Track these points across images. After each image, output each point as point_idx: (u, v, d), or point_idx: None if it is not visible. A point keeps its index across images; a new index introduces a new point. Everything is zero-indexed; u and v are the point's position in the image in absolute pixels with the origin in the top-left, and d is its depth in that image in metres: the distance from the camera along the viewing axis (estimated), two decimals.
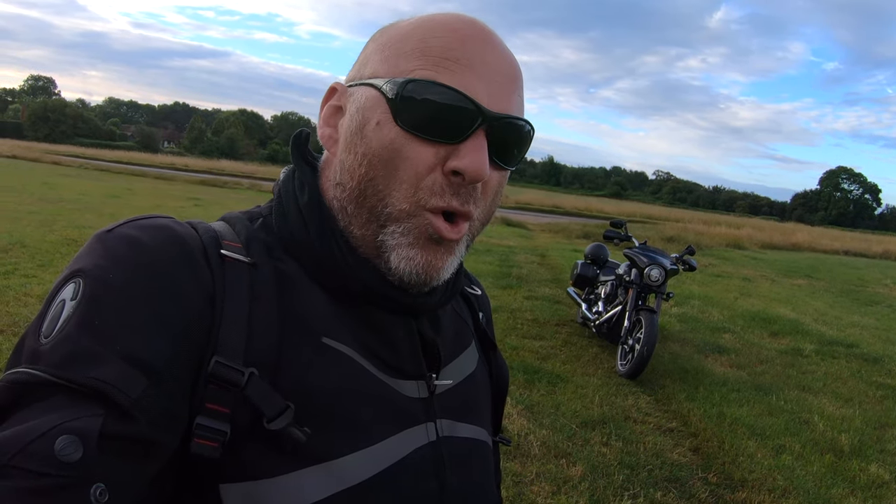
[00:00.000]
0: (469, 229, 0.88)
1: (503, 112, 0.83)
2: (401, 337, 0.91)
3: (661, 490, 4.40)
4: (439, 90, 0.80)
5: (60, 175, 29.62)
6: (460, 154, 0.81)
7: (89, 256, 0.74)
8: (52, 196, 18.87)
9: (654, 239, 19.52)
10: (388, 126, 0.82)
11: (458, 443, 0.95)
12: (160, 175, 37.99)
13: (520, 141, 0.88)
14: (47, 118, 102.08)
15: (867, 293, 16.46)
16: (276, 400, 0.75)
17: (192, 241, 0.79)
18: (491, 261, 14.15)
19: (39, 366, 0.65)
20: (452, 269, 0.89)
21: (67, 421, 0.61)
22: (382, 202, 0.83)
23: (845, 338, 10.05)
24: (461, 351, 1.04)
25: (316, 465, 0.77)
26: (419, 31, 0.84)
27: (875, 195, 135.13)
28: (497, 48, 0.85)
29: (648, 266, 7.11)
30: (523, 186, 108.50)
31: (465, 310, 1.12)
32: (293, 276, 0.85)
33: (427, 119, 0.80)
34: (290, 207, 0.90)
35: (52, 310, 0.71)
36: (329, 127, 0.91)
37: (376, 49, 0.88)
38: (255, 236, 0.87)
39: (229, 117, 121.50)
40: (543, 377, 6.36)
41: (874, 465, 5.19)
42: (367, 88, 0.86)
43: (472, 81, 0.81)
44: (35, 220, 13.32)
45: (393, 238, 0.84)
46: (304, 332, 0.82)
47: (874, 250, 31.50)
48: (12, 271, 8.30)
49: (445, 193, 0.82)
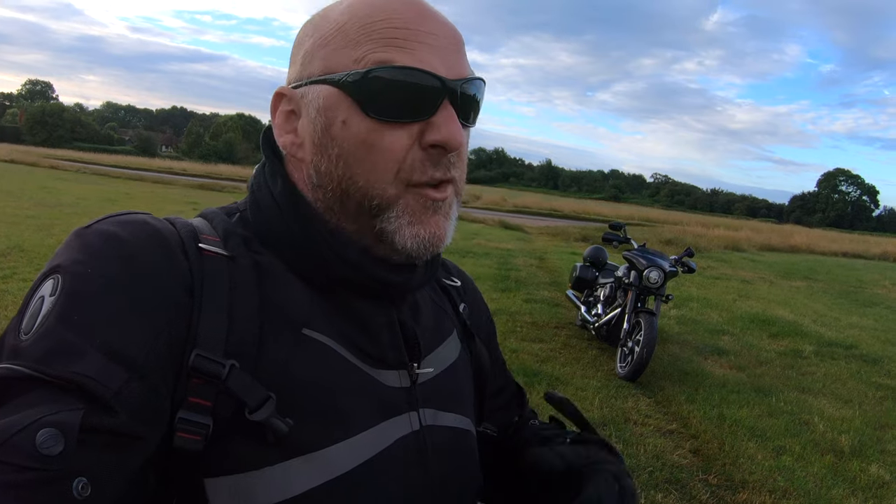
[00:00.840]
0: (455, 191, 0.90)
1: (460, 77, 0.85)
2: (381, 326, 0.91)
3: (661, 492, 4.40)
4: (402, 72, 0.81)
5: (58, 179, 29.66)
6: (434, 127, 0.83)
7: (67, 252, 0.75)
8: (51, 200, 18.89)
9: (653, 241, 19.49)
10: (355, 121, 0.83)
11: (442, 432, 0.95)
12: (158, 179, 38.08)
13: (477, 99, 0.90)
14: (45, 122, 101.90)
15: (866, 294, 16.46)
16: (258, 391, 0.75)
17: (169, 235, 0.80)
18: (489, 264, 14.16)
19: (19, 361, 0.65)
20: (452, 232, 0.90)
21: (48, 415, 0.61)
22: (367, 196, 0.84)
23: (844, 339, 10.06)
24: (442, 340, 1.04)
25: (301, 456, 0.77)
26: (358, 17, 0.84)
27: (873, 197, 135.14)
28: (436, 16, 0.87)
29: (647, 268, 7.10)
30: (521, 190, 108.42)
31: (444, 300, 1.13)
32: (272, 268, 0.86)
33: (397, 103, 0.82)
34: (265, 198, 0.91)
35: (32, 306, 0.71)
36: (288, 133, 0.91)
37: (318, 44, 0.87)
38: (232, 230, 0.87)
39: (227, 121, 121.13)
40: (543, 380, 6.36)
41: (874, 465, 5.18)
42: (321, 87, 0.85)
43: (427, 55, 0.82)
44: (33, 224, 13.34)
45: (390, 223, 0.85)
46: (284, 323, 0.82)
47: (872, 252, 31.49)
48: (10, 275, 8.31)
49: (427, 167, 0.84)
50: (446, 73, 0.83)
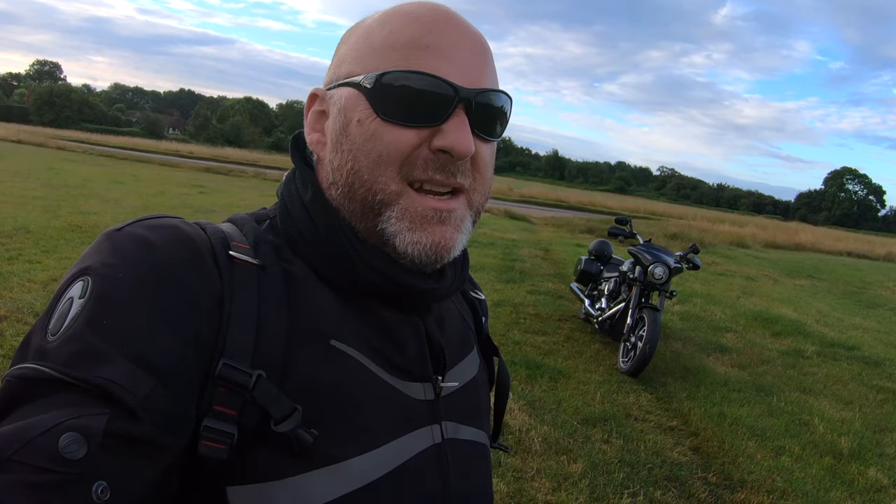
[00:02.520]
0: (468, 203, 0.91)
1: (480, 87, 0.86)
2: (408, 338, 0.92)
3: (660, 489, 4.42)
4: (414, 77, 0.83)
5: (65, 160, 29.73)
6: (444, 133, 0.84)
7: (98, 255, 0.74)
8: (57, 181, 18.92)
9: (658, 235, 19.48)
10: (368, 120, 0.85)
11: (462, 445, 0.96)
12: (165, 162, 38.07)
13: (499, 111, 0.91)
14: (53, 103, 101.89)
15: (869, 295, 16.45)
16: (284, 402, 0.75)
17: (200, 241, 0.80)
18: (494, 254, 14.16)
19: (46, 362, 0.66)
20: (462, 245, 0.90)
21: (72, 418, 0.62)
22: (371, 191, 0.85)
23: (846, 340, 10.06)
24: (466, 354, 1.05)
25: (324, 467, 0.78)
26: (386, 26, 0.87)
27: (879, 196, 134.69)
28: (461, 27, 0.88)
29: (652, 264, 7.10)
30: (527, 180, 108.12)
31: (469, 314, 1.14)
32: (301, 278, 0.86)
33: (406, 106, 0.83)
34: (295, 206, 0.91)
35: (60, 307, 0.71)
36: (316, 132, 0.94)
37: (349, 49, 0.91)
38: (263, 238, 0.87)
39: (234, 105, 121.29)
40: (545, 373, 6.38)
41: (873, 468, 5.20)
42: (345, 88, 0.88)
43: (444, 64, 0.84)
44: (40, 205, 13.35)
45: (391, 224, 0.86)
46: (312, 334, 0.83)
47: (877, 252, 31.41)
48: (16, 257, 8.33)
49: (429, 167, 0.85)
50: (463, 82, 0.84)
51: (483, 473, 1.03)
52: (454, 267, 0.98)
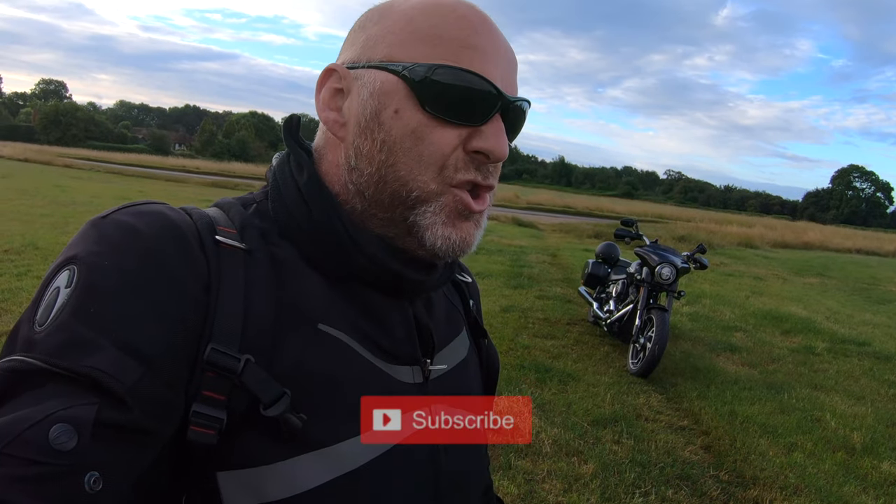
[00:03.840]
0: (489, 201, 0.91)
1: (514, 95, 0.88)
2: (396, 322, 0.92)
3: (672, 488, 4.40)
4: (467, 77, 0.83)
5: (72, 178, 29.81)
6: (484, 136, 0.85)
7: (84, 243, 0.74)
8: (65, 199, 18.99)
9: (666, 238, 19.43)
10: (409, 112, 0.83)
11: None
12: (171, 177, 38.18)
13: (523, 120, 0.93)
14: (59, 122, 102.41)
15: (879, 292, 16.37)
16: (273, 386, 0.75)
17: (186, 227, 0.79)
18: (502, 261, 14.15)
19: (34, 353, 0.65)
20: (478, 240, 0.91)
21: (62, 409, 0.62)
22: (406, 187, 0.84)
23: (857, 336, 10.00)
24: (454, 336, 1.05)
25: (313, 451, 0.78)
26: (429, 15, 0.85)
27: (887, 193, 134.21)
28: (501, 35, 0.89)
29: (660, 265, 7.09)
30: (535, 187, 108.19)
31: (455, 297, 1.14)
32: (289, 262, 0.86)
33: (454, 104, 0.83)
34: (288, 189, 0.90)
35: (47, 297, 0.71)
36: (332, 110, 0.91)
37: (384, 31, 0.88)
38: (249, 222, 0.87)
39: (240, 119, 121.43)
40: (555, 376, 6.36)
41: (886, 462, 5.16)
42: (380, 73, 0.86)
43: (490, 68, 0.85)
44: (47, 222, 13.41)
45: (425, 217, 0.85)
46: (299, 318, 0.82)
47: (886, 249, 31.33)
48: (25, 273, 8.36)
49: (470, 169, 0.85)
50: (502, 88, 0.85)
51: (476, 455, 1.03)
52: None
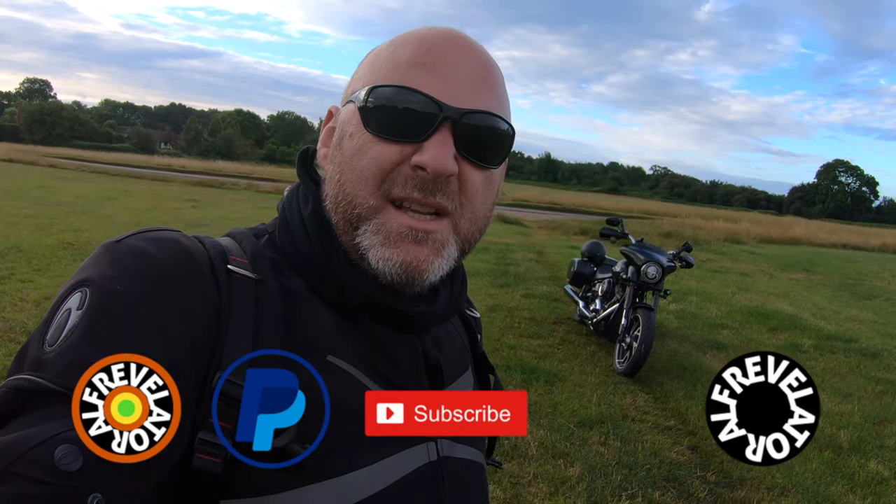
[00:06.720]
0: (454, 228, 0.89)
1: (469, 107, 0.85)
2: (405, 355, 0.93)
3: (659, 489, 4.40)
4: (400, 92, 0.84)
5: (57, 178, 29.69)
6: (423, 150, 0.84)
7: (97, 266, 0.74)
8: (49, 199, 18.88)
9: (652, 235, 19.51)
10: (358, 134, 0.86)
11: (457, 463, 0.96)
12: (157, 176, 38.17)
13: (494, 136, 0.89)
14: (44, 121, 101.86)
15: (865, 287, 16.47)
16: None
17: (199, 254, 0.80)
18: (488, 259, 14.16)
19: (42, 373, 0.65)
20: (441, 271, 0.89)
21: (68, 430, 0.62)
22: (351, 204, 0.86)
23: (844, 332, 10.06)
24: (462, 372, 1.06)
25: (320, 482, 0.78)
26: (392, 46, 0.90)
27: (872, 188, 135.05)
28: (465, 51, 0.89)
29: (645, 264, 7.09)
30: (521, 183, 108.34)
31: (464, 333, 1.14)
32: (298, 293, 0.87)
33: (391, 120, 0.84)
34: (295, 221, 0.93)
35: (58, 318, 0.71)
36: (325, 147, 0.96)
37: (362, 68, 0.93)
38: (261, 253, 0.88)
39: (226, 117, 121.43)
40: (541, 376, 6.37)
41: (873, 461, 5.18)
42: (348, 105, 0.90)
43: (435, 82, 0.85)
44: (31, 223, 13.34)
45: (366, 238, 0.86)
46: (308, 349, 0.82)
47: (872, 243, 31.54)
48: (8, 276, 8.30)
49: (408, 185, 0.84)
50: (452, 102, 0.84)
51: (479, 491, 1.02)
52: (449, 289, 0.99)
